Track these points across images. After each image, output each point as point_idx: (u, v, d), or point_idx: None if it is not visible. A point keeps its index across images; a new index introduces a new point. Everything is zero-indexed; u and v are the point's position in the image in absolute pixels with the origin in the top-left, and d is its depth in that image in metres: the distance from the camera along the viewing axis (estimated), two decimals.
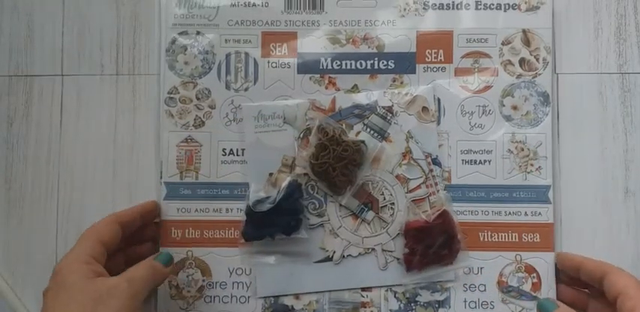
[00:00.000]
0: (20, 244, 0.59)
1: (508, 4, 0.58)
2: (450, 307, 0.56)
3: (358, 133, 0.57)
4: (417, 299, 0.56)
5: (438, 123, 0.57)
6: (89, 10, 0.60)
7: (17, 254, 0.59)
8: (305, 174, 0.56)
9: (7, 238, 0.59)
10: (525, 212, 0.56)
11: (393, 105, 0.57)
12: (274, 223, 0.54)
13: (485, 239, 0.56)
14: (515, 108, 0.57)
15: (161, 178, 0.57)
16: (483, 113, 0.57)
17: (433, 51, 0.58)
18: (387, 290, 0.56)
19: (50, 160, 0.59)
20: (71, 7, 0.60)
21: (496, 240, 0.56)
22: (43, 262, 0.59)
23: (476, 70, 0.58)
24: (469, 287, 0.56)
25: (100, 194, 0.59)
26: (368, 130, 0.57)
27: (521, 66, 0.58)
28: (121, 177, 0.59)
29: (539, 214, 0.56)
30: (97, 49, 0.60)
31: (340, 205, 0.56)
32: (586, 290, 0.55)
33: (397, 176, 0.57)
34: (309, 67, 0.58)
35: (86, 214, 0.59)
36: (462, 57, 0.58)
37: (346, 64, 0.58)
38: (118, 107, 0.59)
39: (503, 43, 0.58)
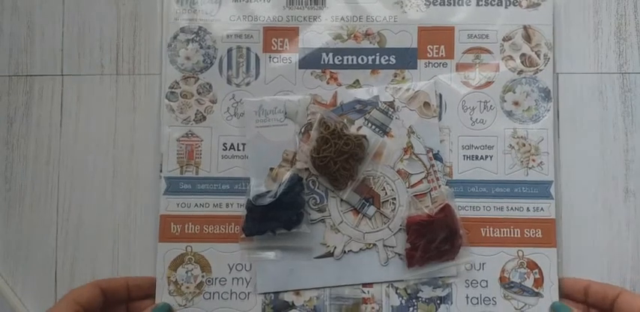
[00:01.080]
0: (20, 244, 0.58)
1: (509, 1, 0.58)
2: (451, 303, 0.55)
3: (360, 128, 0.57)
4: (418, 295, 0.55)
5: (440, 118, 0.57)
6: (89, 10, 0.60)
7: (17, 254, 0.58)
8: (306, 169, 0.56)
9: (7, 238, 0.58)
10: (527, 208, 0.56)
11: (394, 100, 0.57)
12: (275, 218, 0.54)
13: (487, 235, 0.56)
14: (516, 103, 0.57)
15: (161, 172, 0.57)
16: (485, 109, 0.57)
17: (434, 46, 0.58)
18: (388, 286, 0.56)
19: (50, 160, 0.59)
20: (71, 7, 0.60)
21: (498, 235, 0.56)
22: (43, 262, 0.58)
23: (477, 65, 0.58)
24: (471, 283, 0.56)
25: (100, 194, 0.58)
26: (369, 125, 0.57)
27: (522, 62, 0.58)
28: (121, 177, 0.58)
29: (542, 209, 0.56)
30: (97, 49, 0.60)
31: (341, 200, 0.56)
32: None
33: (399, 171, 0.56)
34: (310, 62, 0.58)
35: (86, 214, 0.58)
36: (464, 53, 0.58)
37: (348, 59, 0.58)
38: (118, 107, 0.59)
39: (504, 39, 0.58)
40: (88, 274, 0.58)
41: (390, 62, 0.58)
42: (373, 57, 0.58)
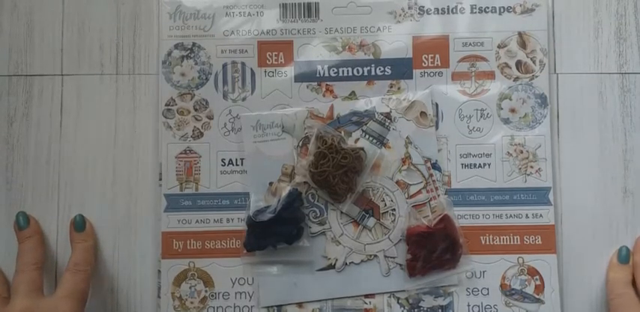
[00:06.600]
0: None
1: (503, 7, 0.58)
2: (453, 311, 0.56)
3: (357, 140, 0.57)
4: (420, 305, 0.56)
5: (437, 128, 0.57)
6: (89, 10, 0.60)
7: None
8: (305, 182, 0.56)
9: (8, 238, 0.58)
10: (526, 214, 0.57)
11: (391, 111, 0.57)
12: (276, 233, 0.54)
13: (487, 242, 0.56)
14: (513, 111, 0.57)
15: (160, 186, 0.57)
16: (481, 117, 0.57)
17: (430, 56, 0.58)
18: (390, 296, 0.56)
19: (50, 160, 0.59)
20: (71, 7, 0.60)
21: (498, 243, 0.56)
22: None
23: (473, 73, 0.58)
24: (472, 291, 0.56)
25: (100, 194, 0.59)
26: (367, 136, 0.57)
27: (518, 68, 0.57)
28: (121, 177, 0.59)
29: (540, 216, 0.57)
30: (97, 49, 0.60)
31: (341, 212, 0.56)
32: None
33: (397, 182, 0.57)
34: (306, 75, 0.58)
35: (86, 214, 0.58)
36: (459, 61, 0.58)
37: (343, 71, 0.58)
38: (118, 107, 0.59)
39: (499, 46, 0.58)
40: None
41: (386, 73, 0.58)
42: (368, 68, 0.58)
